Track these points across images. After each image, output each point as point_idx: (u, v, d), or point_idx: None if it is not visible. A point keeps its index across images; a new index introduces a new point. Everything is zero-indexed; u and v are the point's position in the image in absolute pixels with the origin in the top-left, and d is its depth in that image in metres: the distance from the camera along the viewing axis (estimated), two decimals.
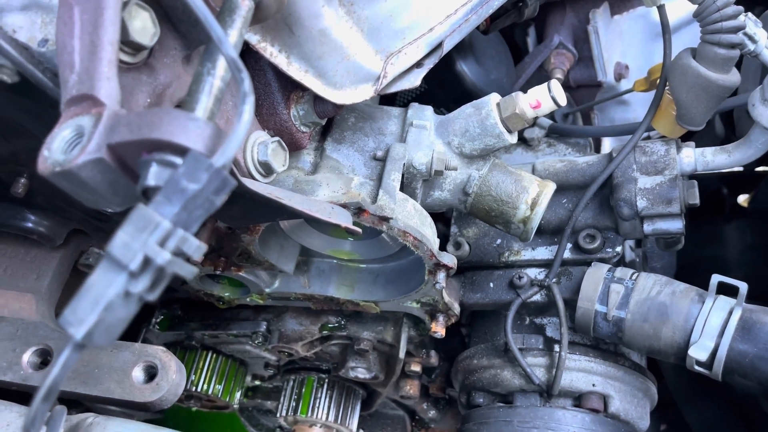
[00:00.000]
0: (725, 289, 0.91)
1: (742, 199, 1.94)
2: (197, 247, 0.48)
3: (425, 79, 0.93)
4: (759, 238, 1.69)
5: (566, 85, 1.40)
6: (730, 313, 0.88)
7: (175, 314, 1.29)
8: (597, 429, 0.99)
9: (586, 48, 1.34)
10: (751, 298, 0.91)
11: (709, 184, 1.98)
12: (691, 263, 1.60)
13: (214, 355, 1.31)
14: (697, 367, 0.89)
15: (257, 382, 1.44)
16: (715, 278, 0.90)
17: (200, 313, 1.28)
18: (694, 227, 1.85)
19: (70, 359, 0.46)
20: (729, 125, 1.50)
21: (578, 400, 1.02)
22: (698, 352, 0.86)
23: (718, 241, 1.77)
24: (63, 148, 0.53)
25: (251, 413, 1.57)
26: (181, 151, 0.49)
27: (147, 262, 0.46)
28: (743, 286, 0.88)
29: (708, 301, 0.89)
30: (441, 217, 1.32)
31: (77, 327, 0.45)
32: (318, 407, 1.32)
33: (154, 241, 0.46)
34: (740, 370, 0.86)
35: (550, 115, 1.33)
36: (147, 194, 0.50)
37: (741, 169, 1.84)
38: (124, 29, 0.59)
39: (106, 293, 0.45)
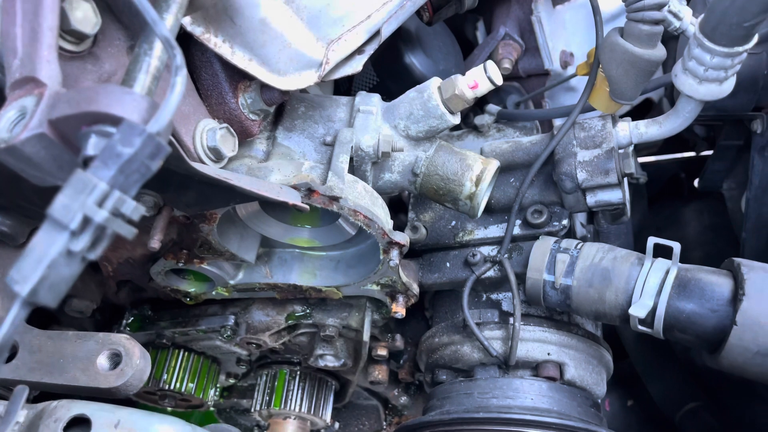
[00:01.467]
0: (662, 251, 0.96)
1: (698, 180, 2.01)
2: (134, 208, 0.51)
3: (377, 72, 0.98)
4: (715, 218, 1.75)
5: (516, 75, 1.46)
6: (667, 272, 0.92)
7: (145, 314, 1.32)
8: (554, 396, 1.03)
9: (531, 38, 1.40)
10: None
11: (667, 171, 2.05)
12: None
13: (186, 353, 1.33)
14: (639, 327, 0.93)
15: (232, 381, 1.46)
16: (651, 240, 0.95)
17: (170, 312, 1.30)
18: (654, 211, 1.92)
19: (18, 316, 0.49)
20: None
21: (535, 369, 1.06)
22: (638, 310, 0.90)
23: (677, 224, 1.84)
24: (8, 127, 0.56)
25: (229, 414, 1.59)
26: (117, 121, 0.53)
27: (86, 221, 0.49)
28: (677, 246, 0.93)
29: (646, 263, 0.94)
30: (402, 208, 1.36)
31: (22, 284, 0.48)
32: (291, 399, 1.34)
33: (92, 201, 0.49)
34: (679, 326, 0.91)
35: (503, 104, 1.38)
36: (86, 164, 0.54)
37: (693, 153, 1.92)
38: (65, 18, 0.63)
39: (48, 252, 0.49)
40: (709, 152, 1.82)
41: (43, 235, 0.49)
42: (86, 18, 0.65)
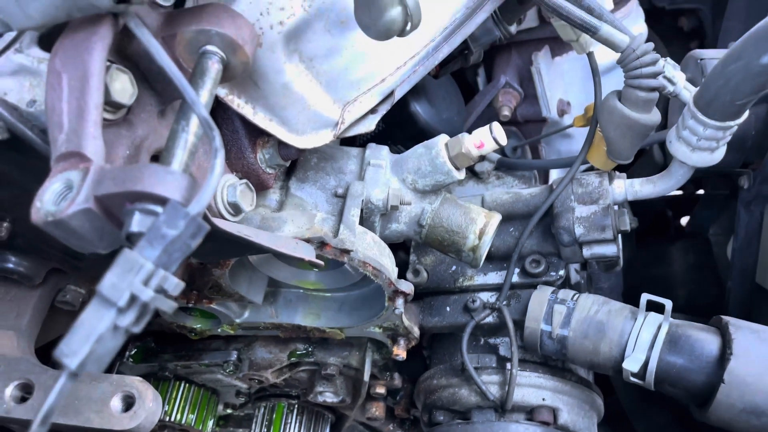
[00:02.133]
0: (655, 306, 1.01)
1: (685, 221, 2.07)
2: (176, 285, 0.55)
3: (383, 119, 1.02)
4: (700, 257, 1.81)
5: (514, 121, 1.51)
6: (659, 327, 0.97)
7: (148, 346, 1.34)
8: None
9: (530, 87, 1.45)
10: (693, 313, 1.01)
11: (655, 207, 2.11)
12: (638, 282, 1.71)
13: (187, 385, 1.35)
14: (632, 378, 0.98)
15: (229, 411, 1.49)
16: (644, 297, 1.00)
17: (173, 345, 1.33)
18: (641, 248, 1.98)
19: (65, 387, 0.53)
20: (666, 152, 1.63)
21: (530, 414, 1.11)
22: (631, 364, 0.95)
23: (664, 261, 1.89)
24: (54, 200, 0.60)
25: None
26: (161, 201, 0.57)
27: (133, 299, 0.53)
28: (668, 304, 0.98)
29: (639, 318, 0.99)
30: (402, 246, 1.40)
31: (72, 358, 0.52)
32: None
33: (139, 280, 0.53)
34: (669, 380, 0.96)
35: (500, 148, 1.44)
36: (131, 239, 0.57)
37: (681, 192, 1.99)
38: (106, 91, 0.67)
39: (97, 327, 0.52)
40: (698, 192, 1.89)
41: (92, 311, 0.53)
42: (124, 89, 0.69)
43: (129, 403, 0.93)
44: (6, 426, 0.93)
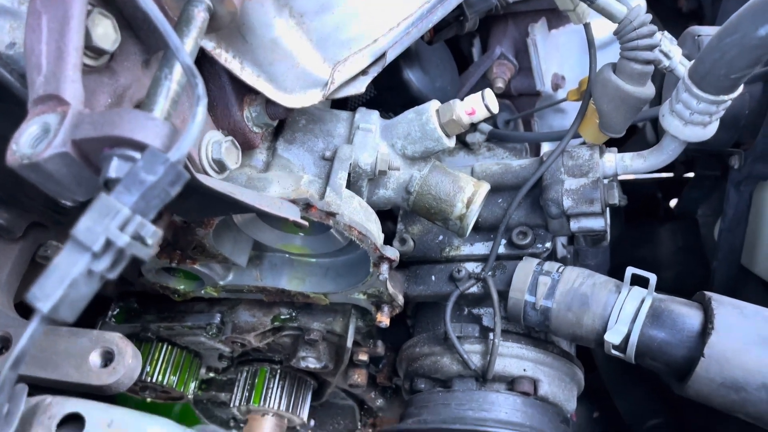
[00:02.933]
0: (640, 281, 1.01)
1: (674, 203, 2.07)
2: (153, 232, 0.54)
3: (374, 85, 1.01)
4: (688, 239, 1.81)
5: (508, 94, 1.50)
6: (642, 301, 0.97)
7: (131, 307, 1.33)
8: (527, 410, 1.08)
9: (526, 59, 1.44)
10: (679, 295, 1.01)
11: (645, 189, 2.11)
12: (625, 262, 1.71)
13: (170, 347, 1.35)
14: (613, 351, 0.98)
15: (211, 375, 1.49)
16: (629, 270, 1.00)
17: (156, 306, 1.32)
18: (630, 228, 1.98)
19: (37, 331, 0.52)
20: (658, 130, 1.62)
21: (511, 384, 1.11)
22: (613, 336, 0.95)
23: (652, 242, 1.90)
24: (30, 143, 0.58)
25: (205, 405, 1.62)
26: (140, 147, 0.55)
27: (108, 244, 0.52)
28: (653, 278, 0.98)
29: (623, 291, 0.99)
30: (389, 216, 1.40)
31: (44, 301, 0.51)
32: (270, 397, 1.37)
33: (115, 225, 0.52)
34: (650, 353, 0.96)
35: (492, 121, 1.42)
36: (108, 185, 0.56)
37: (672, 174, 1.98)
38: (87, 35, 0.65)
39: (70, 272, 0.51)
40: (688, 174, 1.89)
41: (66, 255, 0.51)
42: (107, 35, 0.67)
43: (108, 359, 0.92)
44: None
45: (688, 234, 1.81)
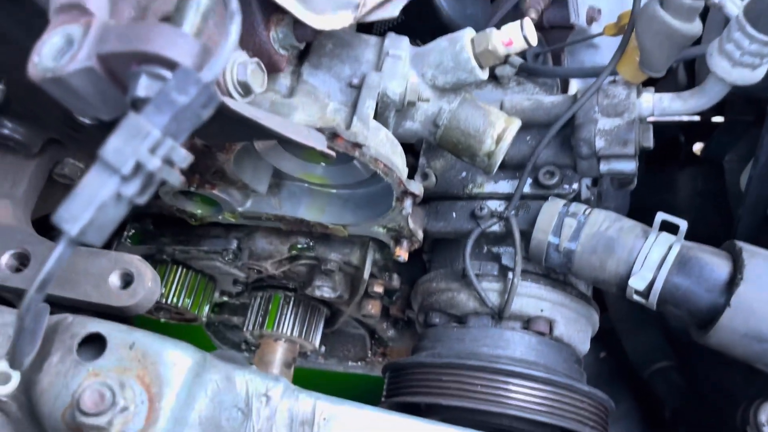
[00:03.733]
0: (668, 227, 0.98)
1: (697, 147, 2.02)
2: (185, 157, 0.52)
3: (403, 10, 0.95)
4: (708, 184, 1.78)
5: (539, 26, 1.42)
6: (670, 248, 0.95)
7: (146, 229, 1.32)
8: (541, 350, 1.08)
9: None
10: (694, 240, 0.99)
11: (667, 132, 2.06)
12: (643, 206, 1.69)
13: (184, 270, 1.35)
14: (635, 297, 0.97)
15: (225, 299, 1.50)
16: (659, 216, 0.97)
17: (172, 229, 1.31)
18: (648, 172, 1.94)
19: (64, 253, 0.50)
20: (691, 74, 1.56)
21: (527, 323, 1.11)
22: (637, 282, 0.94)
23: (671, 187, 1.87)
24: (53, 55, 0.55)
25: (217, 328, 1.64)
26: (171, 64, 0.52)
27: (138, 167, 0.49)
28: (683, 224, 0.95)
29: (651, 237, 0.97)
30: (410, 150, 1.36)
31: (72, 224, 0.49)
32: (283, 323, 1.38)
33: (145, 148, 0.49)
34: (673, 301, 0.95)
35: (522, 54, 1.36)
36: (136, 105, 0.53)
37: (698, 118, 1.92)
38: None
39: (99, 194, 0.49)
40: (715, 118, 1.83)
41: (94, 177, 0.49)
42: None
43: (127, 281, 0.91)
44: (1, 295, 0.92)
45: (708, 179, 1.78)
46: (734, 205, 1.51)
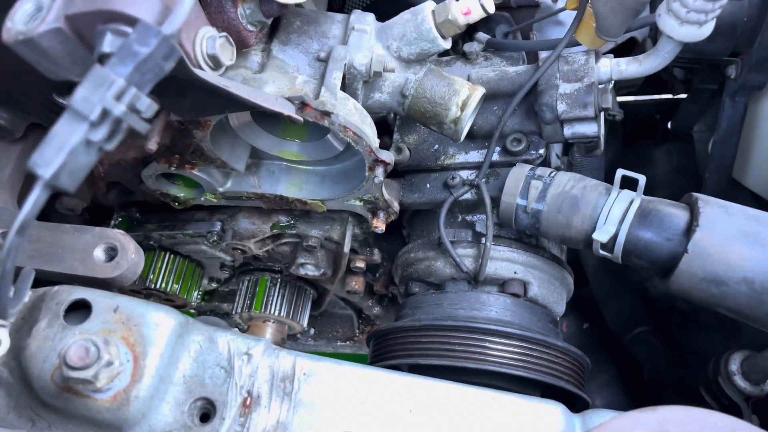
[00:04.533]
0: (629, 184, 1.03)
1: (670, 123, 2.07)
2: (149, 105, 0.56)
3: None
4: (683, 159, 1.82)
5: (507, 6, 1.47)
6: (631, 203, 1.00)
7: (132, 216, 1.36)
8: (516, 310, 1.12)
9: None
10: None
11: (643, 110, 2.11)
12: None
13: (172, 256, 1.38)
14: (600, 251, 1.01)
15: (214, 285, 1.54)
16: (619, 172, 1.01)
17: (157, 215, 1.34)
18: (627, 150, 1.99)
19: (40, 197, 0.54)
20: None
21: (502, 286, 1.15)
22: (601, 235, 0.98)
23: (648, 162, 1.91)
24: (24, 20, 0.59)
25: (209, 316, 1.67)
26: (133, 21, 0.56)
27: (105, 113, 0.53)
28: (642, 179, 1.00)
29: (613, 193, 1.01)
30: (386, 130, 1.40)
31: (45, 168, 0.53)
32: (271, 304, 1.42)
33: (110, 95, 0.53)
34: (636, 252, 0.99)
35: (492, 33, 1.41)
36: (102, 61, 0.57)
37: (670, 96, 1.97)
38: None
39: (69, 140, 0.53)
40: (685, 95, 1.88)
41: (64, 124, 0.53)
42: None
43: (111, 254, 0.95)
44: None
45: (683, 154, 1.82)
46: (703, 172, 1.55)
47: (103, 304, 0.83)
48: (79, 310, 0.84)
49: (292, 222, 1.27)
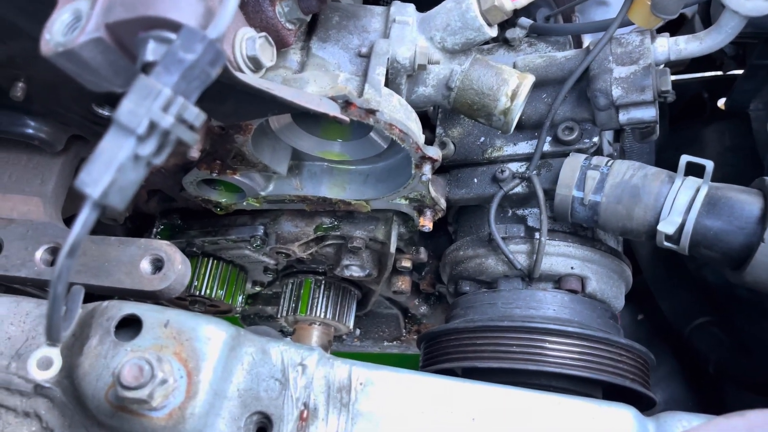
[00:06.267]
0: (694, 170, 0.97)
1: (722, 102, 1.98)
2: (197, 115, 0.52)
3: None
4: (736, 139, 1.74)
5: None
6: (698, 190, 0.94)
7: (174, 224, 1.35)
8: (575, 307, 1.07)
9: None
10: None
11: (690, 89, 2.02)
12: (671, 166, 1.66)
13: (215, 262, 1.37)
14: (666, 243, 0.95)
15: (257, 289, 1.52)
16: (684, 159, 0.95)
17: (199, 221, 1.33)
18: (674, 131, 1.91)
19: (90, 217, 0.51)
20: (707, 23, 1.52)
21: (558, 282, 1.10)
22: (666, 226, 0.92)
23: (698, 143, 1.83)
24: (63, 31, 0.56)
25: (253, 320, 1.66)
26: (176, 26, 0.53)
27: (153, 126, 0.50)
28: (709, 165, 0.94)
29: (677, 181, 0.95)
30: (426, 124, 1.36)
31: (93, 187, 0.50)
32: (316, 306, 1.39)
33: (157, 107, 0.50)
34: (705, 243, 0.93)
35: (532, 18, 1.35)
36: (146, 70, 0.54)
37: (720, 72, 1.88)
38: None
39: (117, 156, 0.50)
40: (736, 72, 1.79)
41: (111, 140, 0.50)
42: None
43: (158, 266, 0.93)
44: (39, 287, 0.95)
45: (736, 133, 1.74)
46: (763, 153, 1.47)
47: (153, 319, 0.81)
48: (129, 325, 0.83)
49: (336, 223, 1.24)
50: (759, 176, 1.42)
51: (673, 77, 2.04)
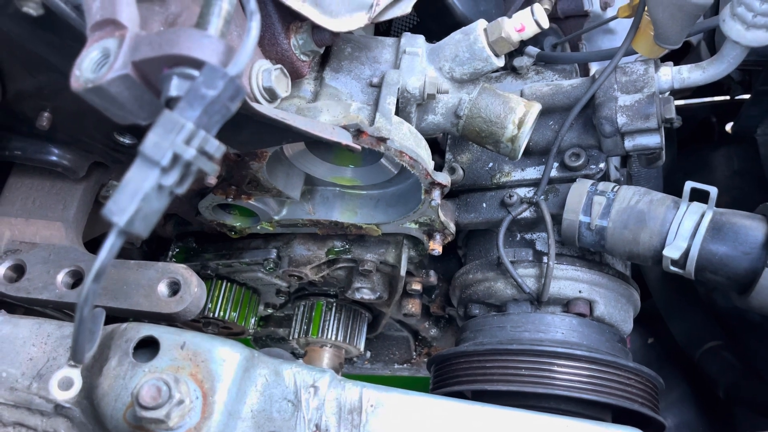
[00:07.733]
0: (699, 196, 0.98)
1: (730, 126, 1.99)
2: (217, 147, 0.55)
3: (418, 11, 0.99)
4: (744, 163, 1.75)
5: (554, 17, 1.44)
6: (702, 216, 0.95)
7: (189, 246, 1.38)
8: (583, 331, 1.08)
9: None
10: None
11: (698, 114, 2.04)
12: (678, 190, 1.68)
13: (229, 284, 1.39)
14: (672, 267, 0.97)
15: (270, 311, 1.54)
16: (688, 185, 0.97)
17: (214, 245, 1.36)
18: (682, 155, 1.92)
19: (115, 243, 0.54)
20: (713, 50, 1.55)
21: (566, 306, 1.11)
22: (672, 251, 0.94)
23: (706, 168, 1.84)
24: (92, 68, 0.60)
25: (265, 342, 1.68)
26: (198, 64, 0.56)
27: (176, 158, 0.53)
28: (713, 191, 0.95)
29: (682, 207, 0.97)
30: (436, 149, 1.39)
31: (120, 215, 0.53)
32: (328, 329, 1.41)
33: (180, 140, 0.53)
34: (711, 267, 0.94)
35: (539, 46, 1.38)
36: (170, 105, 0.57)
37: (728, 97, 1.90)
38: None
39: (142, 186, 0.53)
40: (744, 96, 1.81)
41: (137, 171, 0.53)
42: None
43: (175, 289, 0.96)
44: (59, 309, 0.98)
45: (744, 157, 1.75)
46: None
47: (170, 341, 0.84)
48: (147, 346, 0.85)
49: (347, 246, 1.27)
50: (767, 200, 1.44)
51: (682, 102, 2.07)
